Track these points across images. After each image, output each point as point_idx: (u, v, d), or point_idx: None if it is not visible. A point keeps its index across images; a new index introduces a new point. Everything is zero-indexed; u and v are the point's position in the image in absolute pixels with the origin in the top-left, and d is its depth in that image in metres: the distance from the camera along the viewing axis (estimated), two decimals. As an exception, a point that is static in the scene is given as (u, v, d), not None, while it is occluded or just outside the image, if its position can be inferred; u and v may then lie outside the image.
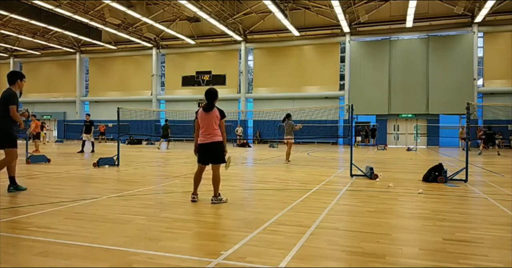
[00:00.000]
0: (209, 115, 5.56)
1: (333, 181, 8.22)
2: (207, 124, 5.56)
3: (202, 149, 5.61)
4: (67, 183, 7.65)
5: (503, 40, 27.35)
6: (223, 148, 5.64)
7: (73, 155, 15.57)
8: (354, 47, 29.66)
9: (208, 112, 5.57)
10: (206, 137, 5.56)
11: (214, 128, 5.56)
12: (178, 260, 3.14)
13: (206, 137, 5.56)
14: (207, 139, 5.56)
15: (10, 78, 6.40)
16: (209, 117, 5.56)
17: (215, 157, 5.61)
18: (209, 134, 5.55)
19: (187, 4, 24.11)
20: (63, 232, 3.95)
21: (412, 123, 29.35)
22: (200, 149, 5.63)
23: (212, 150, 5.57)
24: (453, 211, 5.21)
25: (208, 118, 5.55)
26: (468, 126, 8.71)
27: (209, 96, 5.61)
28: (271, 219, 4.60)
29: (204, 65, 34.14)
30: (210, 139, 5.55)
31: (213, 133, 5.55)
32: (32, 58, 39.57)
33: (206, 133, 5.57)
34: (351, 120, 9.36)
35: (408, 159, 15.09)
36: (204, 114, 5.58)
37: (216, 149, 5.57)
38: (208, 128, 5.56)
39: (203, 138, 5.58)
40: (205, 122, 5.56)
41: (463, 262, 3.17)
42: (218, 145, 5.58)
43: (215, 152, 5.58)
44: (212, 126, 5.55)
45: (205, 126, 5.57)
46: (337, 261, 3.20)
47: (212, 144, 5.55)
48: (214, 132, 5.56)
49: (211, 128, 5.55)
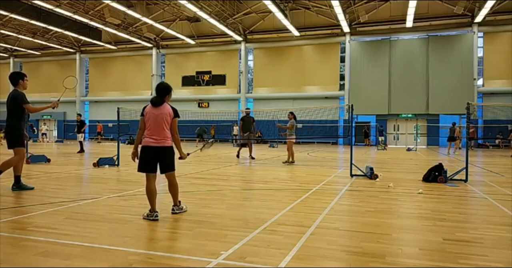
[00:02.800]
0: (159, 112, 4.61)
1: (333, 181, 8.22)
2: (155, 123, 4.59)
3: (147, 153, 4.59)
4: (67, 183, 7.65)
5: (503, 40, 27.35)
6: (173, 155, 4.74)
7: (73, 155, 15.57)
8: (354, 47, 29.66)
9: (157, 107, 4.62)
10: (154, 139, 4.59)
11: (164, 128, 4.61)
12: (178, 260, 3.14)
13: (153, 139, 4.59)
14: (155, 142, 4.58)
15: (12, 79, 6.54)
16: (159, 114, 4.60)
17: (165, 165, 4.70)
18: (158, 137, 4.59)
19: (187, 4, 24.11)
20: (63, 232, 3.95)
21: (412, 123, 29.35)
22: (144, 153, 4.60)
23: (161, 156, 4.64)
24: (453, 211, 5.21)
25: (157, 115, 4.60)
26: (468, 126, 8.71)
27: (159, 91, 4.70)
28: (271, 219, 4.60)
29: (204, 65, 34.14)
30: (158, 143, 4.59)
31: (162, 135, 4.60)
32: (32, 58, 39.57)
33: (153, 135, 4.60)
34: (351, 120, 9.36)
35: (408, 159, 15.09)
36: (153, 110, 4.62)
37: (165, 155, 4.66)
38: (157, 128, 4.59)
39: (150, 140, 4.59)
40: (153, 121, 4.59)
41: (463, 262, 3.17)
42: (168, 151, 4.67)
43: (164, 159, 4.66)
44: (162, 126, 4.59)
45: (153, 125, 4.59)
46: (337, 261, 3.20)
47: (161, 149, 4.61)
48: (164, 133, 4.61)
49: (160, 128, 4.59)
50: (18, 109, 6.47)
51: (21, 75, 6.62)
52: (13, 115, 6.45)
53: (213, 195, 6.28)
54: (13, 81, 6.52)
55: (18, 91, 6.48)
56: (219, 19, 28.14)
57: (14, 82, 6.51)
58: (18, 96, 6.41)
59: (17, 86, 6.52)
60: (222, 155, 15.91)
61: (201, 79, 34.10)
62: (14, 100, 6.41)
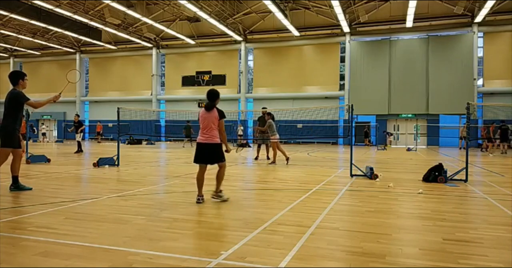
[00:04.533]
0: (209, 115, 5.65)
1: (333, 181, 8.22)
2: (206, 124, 5.64)
3: (200, 148, 5.67)
4: (67, 183, 7.65)
5: (503, 40, 27.35)
6: (221, 149, 5.72)
7: (72, 155, 15.57)
8: (354, 47, 29.66)
9: (208, 112, 5.67)
10: (205, 137, 5.63)
11: (213, 128, 5.63)
12: (178, 260, 3.14)
13: (205, 137, 5.64)
14: (205, 140, 5.63)
15: (12, 79, 6.47)
16: (209, 117, 5.64)
17: (213, 158, 5.68)
18: (208, 135, 5.63)
19: (187, 4, 24.11)
20: (63, 232, 3.95)
21: (412, 123, 29.35)
22: (198, 148, 5.69)
23: (210, 151, 5.65)
24: (453, 211, 5.21)
25: (208, 117, 5.64)
26: (468, 126, 8.70)
27: (210, 96, 5.74)
28: (271, 219, 4.60)
29: (204, 65, 34.14)
30: (208, 140, 5.62)
31: (211, 134, 5.63)
32: (32, 58, 39.57)
33: (205, 133, 5.65)
34: (351, 120, 9.36)
35: (408, 159, 15.09)
36: (205, 113, 5.68)
37: (213, 150, 5.65)
38: (207, 128, 5.64)
39: (202, 138, 5.65)
40: (205, 122, 5.64)
41: (463, 262, 3.17)
42: (216, 147, 5.67)
43: (212, 153, 5.66)
44: (211, 126, 5.62)
45: (205, 125, 5.65)
46: (337, 261, 3.20)
47: (211, 145, 5.64)
48: (212, 132, 5.63)
49: (209, 128, 5.63)
50: (17, 109, 6.43)
51: (21, 75, 6.56)
52: (11, 115, 6.39)
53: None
54: (13, 81, 6.45)
55: (16, 90, 6.42)
56: (219, 19, 28.14)
57: (15, 82, 6.45)
58: (17, 95, 6.36)
59: (16, 85, 6.46)
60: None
61: (201, 79, 34.10)
62: (14, 99, 6.36)
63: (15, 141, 6.47)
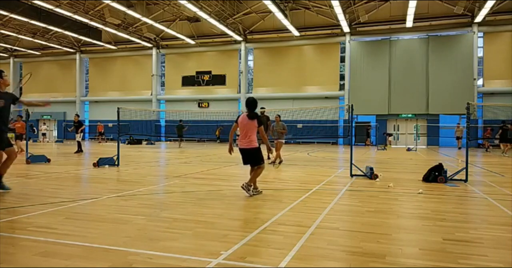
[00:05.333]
0: (250, 123, 6.27)
1: (333, 181, 8.22)
2: (246, 130, 6.28)
3: (243, 153, 6.38)
4: (67, 183, 7.65)
5: (503, 40, 27.33)
6: (260, 152, 6.40)
7: (72, 155, 15.56)
8: (354, 47, 29.65)
9: (251, 120, 6.27)
10: (246, 142, 6.29)
11: (253, 134, 6.29)
12: (178, 260, 3.14)
13: (245, 142, 6.29)
14: (246, 145, 6.29)
15: None
16: (250, 124, 6.27)
17: (254, 160, 6.35)
18: (247, 140, 6.28)
19: (187, 4, 24.10)
20: (63, 232, 3.95)
21: (412, 123, 29.34)
22: (242, 153, 6.38)
23: (250, 155, 6.32)
24: (453, 211, 5.21)
25: (248, 125, 6.27)
26: (468, 126, 8.70)
27: (251, 105, 6.32)
28: (271, 219, 4.60)
29: (204, 65, 34.13)
30: (249, 145, 6.28)
31: (251, 139, 6.28)
32: (32, 58, 39.55)
33: (245, 139, 6.29)
34: (351, 120, 9.36)
35: (408, 159, 15.09)
36: (246, 120, 6.29)
37: (253, 154, 6.33)
38: (247, 133, 6.28)
39: (242, 143, 6.32)
40: (245, 128, 6.29)
41: (463, 262, 3.17)
42: (256, 151, 6.34)
43: (253, 157, 6.33)
44: (251, 132, 6.28)
45: (245, 131, 6.30)
46: (337, 261, 3.20)
47: (251, 150, 6.30)
48: (251, 138, 6.29)
49: (249, 134, 6.27)
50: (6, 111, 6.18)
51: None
52: None
53: (213, 195, 6.28)
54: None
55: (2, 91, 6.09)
56: (219, 19, 28.13)
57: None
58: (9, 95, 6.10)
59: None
60: (222, 155, 15.91)
61: (201, 79, 34.10)
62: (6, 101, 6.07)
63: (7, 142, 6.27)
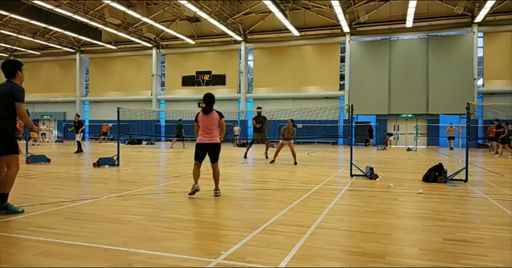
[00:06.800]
0: (209, 117, 6.14)
1: (333, 181, 8.22)
2: (208, 125, 6.13)
3: (201, 148, 6.16)
4: (67, 183, 7.65)
5: (503, 40, 27.33)
6: (220, 149, 6.26)
7: (72, 155, 15.56)
8: (354, 47, 29.65)
9: (207, 115, 6.14)
10: (207, 137, 6.12)
11: (214, 129, 6.16)
12: (178, 260, 3.14)
13: (206, 137, 6.12)
14: (207, 140, 6.12)
15: (8, 69, 4.96)
16: (209, 119, 6.13)
17: (215, 156, 6.22)
18: (209, 135, 6.13)
19: (187, 4, 24.10)
20: (63, 232, 3.95)
21: (412, 123, 29.35)
22: (199, 147, 6.17)
23: (211, 150, 6.17)
24: (453, 211, 5.21)
25: (208, 119, 6.13)
26: (468, 126, 8.70)
27: (207, 100, 6.18)
28: (271, 219, 4.60)
29: (204, 65, 34.12)
30: (210, 140, 6.12)
31: (213, 133, 6.15)
32: (32, 58, 39.53)
33: (206, 134, 6.13)
34: (351, 120, 9.36)
35: (408, 159, 15.09)
36: (204, 117, 6.15)
37: (215, 149, 6.19)
38: (208, 129, 6.14)
39: (204, 138, 6.13)
40: (207, 123, 6.13)
41: (463, 262, 3.17)
42: (217, 146, 6.21)
43: (214, 152, 6.19)
44: (213, 127, 6.15)
45: (206, 127, 6.13)
46: (337, 261, 3.20)
47: (212, 145, 6.15)
48: (213, 133, 6.15)
49: (211, 128, 6.14)
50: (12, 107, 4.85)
51: (19, 65, 5.06)
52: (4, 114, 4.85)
53: (213, 195, 6.28)
54: (10, 71, 4.94)
55: (13, 83, 4.90)
56: (219, 19, 28.13)
57: (11, 73, 4.94)
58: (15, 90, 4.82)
59: (13, 78, 4.95)
60: (222, 155, 15.88)
61: (201, 79, 34.10)
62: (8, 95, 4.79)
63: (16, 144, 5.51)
